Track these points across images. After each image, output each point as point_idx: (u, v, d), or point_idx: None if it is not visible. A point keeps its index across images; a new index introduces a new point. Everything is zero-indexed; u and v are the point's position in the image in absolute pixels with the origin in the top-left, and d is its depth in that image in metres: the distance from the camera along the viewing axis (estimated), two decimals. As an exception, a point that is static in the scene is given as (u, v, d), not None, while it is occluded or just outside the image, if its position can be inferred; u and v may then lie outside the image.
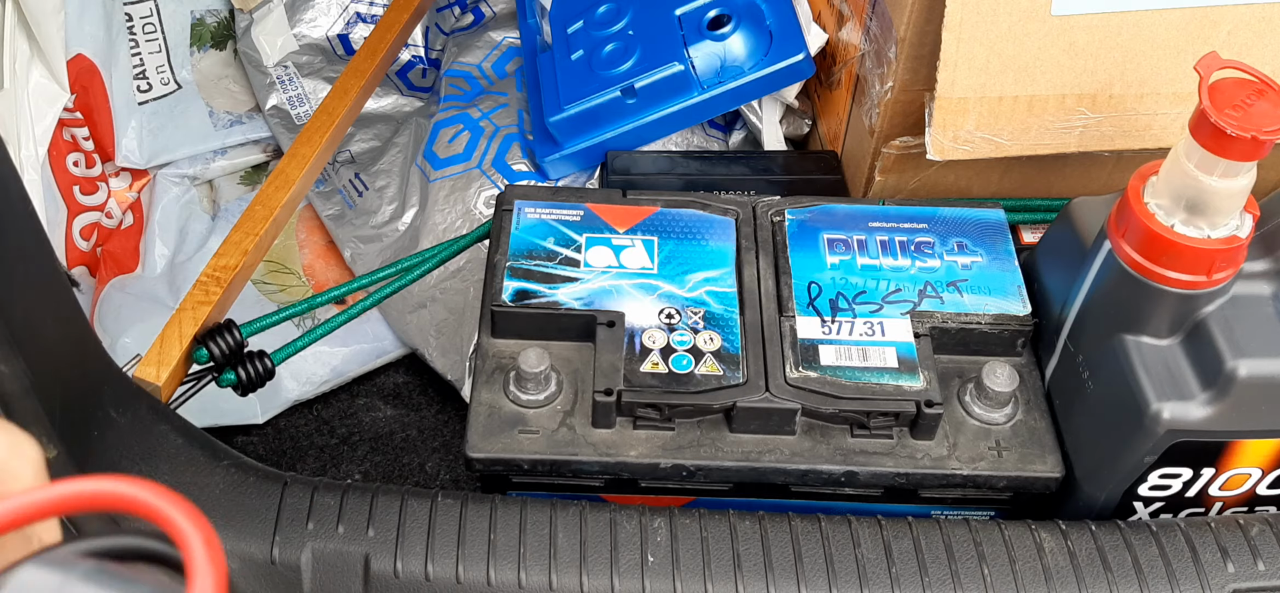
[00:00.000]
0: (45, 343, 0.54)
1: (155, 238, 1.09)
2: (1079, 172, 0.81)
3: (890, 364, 0.67)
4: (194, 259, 1.09)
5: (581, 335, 0.69)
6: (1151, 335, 0.63)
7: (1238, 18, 0.72)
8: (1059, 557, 0.61)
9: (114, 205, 1.11)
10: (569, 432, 0.66)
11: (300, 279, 1.09)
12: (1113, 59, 0.72)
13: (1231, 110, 0.57)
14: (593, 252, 0.72)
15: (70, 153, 1.06)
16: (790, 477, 0.66)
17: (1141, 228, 0.61)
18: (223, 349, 0.73)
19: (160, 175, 1.13)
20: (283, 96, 1.14)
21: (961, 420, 0.67)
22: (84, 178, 1.07)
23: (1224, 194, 0.59)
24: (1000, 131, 0.75)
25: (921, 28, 0.75)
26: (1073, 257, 0.67)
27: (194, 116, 1.14)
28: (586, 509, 0.62)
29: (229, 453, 0.64)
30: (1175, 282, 0.61)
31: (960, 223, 0.75)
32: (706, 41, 0.93)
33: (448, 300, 1.00)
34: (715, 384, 0.65)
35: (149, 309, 1.01)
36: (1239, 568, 0.61)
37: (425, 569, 0.60)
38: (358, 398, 1.03)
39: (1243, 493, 0.66)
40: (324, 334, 0.78)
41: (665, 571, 0.60)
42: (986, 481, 0.66)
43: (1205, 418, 0.61)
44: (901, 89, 0.79)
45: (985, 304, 0.70)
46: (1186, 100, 0.74)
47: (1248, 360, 0.60)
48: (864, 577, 0.60)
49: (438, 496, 0.63)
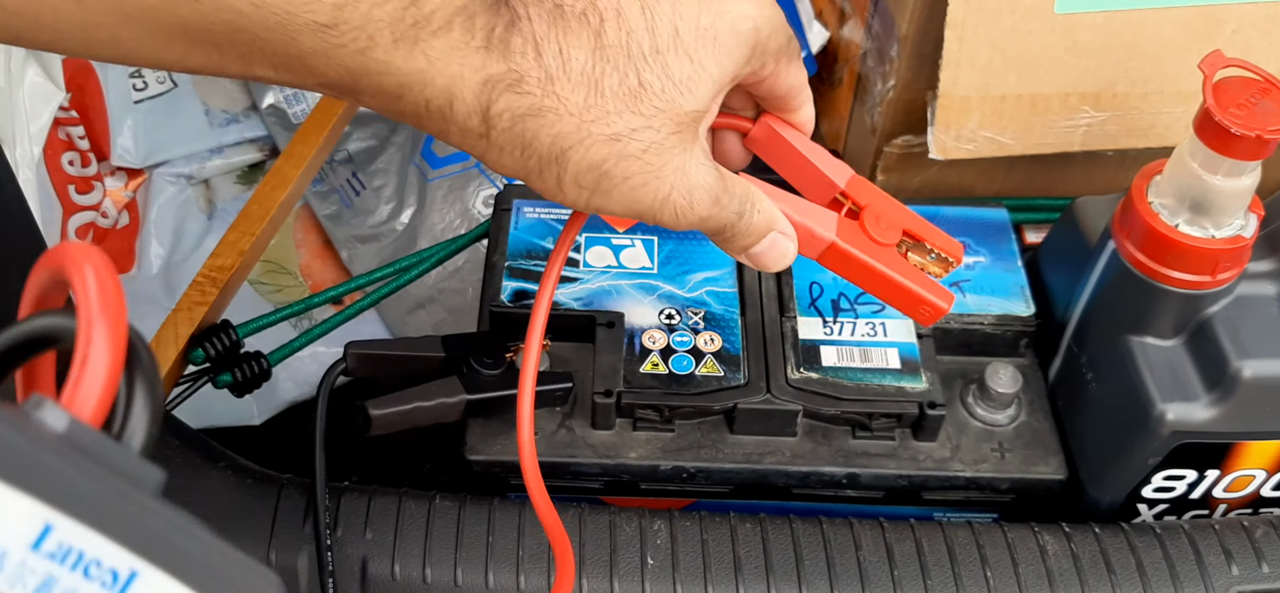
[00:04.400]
0: (39, 344, 0.54)
1: (151, 238, 1.09)
2: (1083, 171, 0.81)
3: (892, 365, 0.67)
4: (190, 259, 1.08)
5: (581, 336, 0.68)
6: (1156, 336, 0.63)
7: (1242, 16, 0.71)
8: (1062, 559, 0.61)
9: (109, 205, 1.10)
10: (568, 433, 0.65)
11: (297, 279, 1.08)
12: (1116, 58, 0.72)
13: (1236, 109, 0.56)
14: (592, 252, 0.71)
15: (65, 152, 1.06)
16: (791, 479, 0.65)
17: (1145, 228, 0.60)
18: (219, 350, 0.72)
19: (156, 174, 1.12)
20: (279, 95, 1.14)
21: (964, 422, 0.67)
22: (79, 177, 1.07)
23: (1228, 193, 0.58)
24: (1003, 131, 0.74)
25: (924, 26, 0.74)
26: (1076, 257, 0.67)
27: (190, 115, 1.13)
28: (585, 512, 0.62)
29: (225, 455, 0.64)
30: (1179, 282, 0.60)
31: (963, 223, 0.74)
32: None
33: (446, 301, 1.00)
34: (716, 385, 0.65)
35: (145, 309, 1.01)
36: (1243, 570, 0.60)
37: (423, 572, 0.60)
38: (355, 399, 1.03)
39: (1247, 495, 0.66)
40: (321, 335, 0.78)
41: (665, 573, 0.60)
42: (989, 483, 0.65)
43: (1210, 419, 0.61)
44: (904, 88, 0.78)
45: (988, 305, 0.70)
46: (1191, 99, 0.73)
47: (1252, 361, 0.60)
48: (866, 579, 0.60)
49: (435, 498, 0.62)
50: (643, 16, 0.42)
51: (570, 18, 0.41)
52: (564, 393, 0.65)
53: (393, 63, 0.38)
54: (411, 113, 0.40)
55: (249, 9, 0.34)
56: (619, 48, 0.42)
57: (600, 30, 0.41)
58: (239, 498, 0.61)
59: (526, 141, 0.41)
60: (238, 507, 0.61)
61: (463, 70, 0.39)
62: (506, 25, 0.40)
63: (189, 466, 0.62)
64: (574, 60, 0.41)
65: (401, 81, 0.39)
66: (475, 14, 0.39)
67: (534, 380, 0.51)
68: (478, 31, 0.39)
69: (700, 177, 0.45)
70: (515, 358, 0.66)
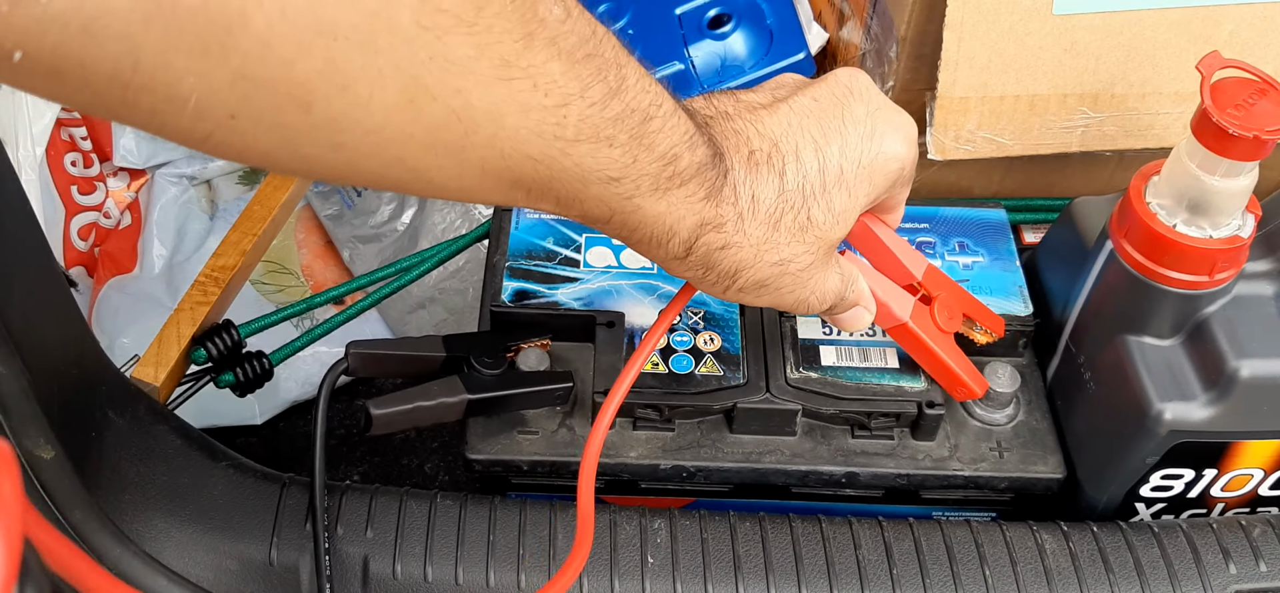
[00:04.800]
0: (43, 344, 0.54)
1: (153, 238, 1.09)
2: (1081, 171, 0.81)
3: (891, 365, 0.67)
4: (192, 259, 1.08)
5: (581, 336, 0.69)
6: (1153, 336, 0.63)
7: (1240, 17, 0.72)
8: (1060, 558, 0.61)
9: (112, 205, 1.11)
10: (568, 433, 0.65)
11: (299, 279, 1.09)
12: (1115, 58, 0.72)
13: (1233, 110, 0.57)
14: (592, 252, 0.72)
15: (68, 152, 1.06)
16: (791, 478, 0.66)
17: (1143, 228, 0.60)
18: (221, 349, 0.72)
19: (158, 175, 1.12)
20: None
21: (963, 421, 0.67)
22: (82, 178, 1.07)
23: (1226, 194, 0.58)
24: (1002, 131, 0.75)
25: (923, 27, 0.74)
26: (1074, 257, 0.67)
27: (192, 116, 1.13)
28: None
29: (227, 454, 0.64)
30: (1177, 282, 0.61)
31: (961, 223, 0.74)
32: (707, 41, 0.93)
33: (447, 301, 1.00)
34: (715, 385, 0.65)
35: (147, 309, 1.01)
36: (1241, 569, 0.61)
37: (424, 571, 0.60)
38: (356, 399, 1.03)
39: (1245, 494, 0.66)
40: (322, 335, 0.78)
41: (665, 572, 0.60)
42: (988, 482, 0.66)
43: (1207, 419, 0.61)
44: (902, 88, 0.78)
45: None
46: (1188, 100, 0.73)
47: (1250, 361, 0.60)
48: (865, 578, 0.60)
49: (437, 497, 0.63)
50: (815, 157, 0.50)
51: (759, 162, 0.49)
52: (564, 393, 0.65)
53: (644, 206, 0.45)
54: (633, 239, 0.47)
55: (559, 172, 0.41)
56: (796, 189, 0.49)
57: (783, 172, 0.49)
58: (241, 497, 0.61)
59: (711, 264, 0.49)
60: (240, 506, 0.61)
61: (686, 214, 0.46)
62: (721, 176, 0.47)
63: (191, 465, 0.62)
64: (762, 202, 0.48)
65: (642, 220, 0.46)
66: (704, 169, 0.46)
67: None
68: (704, 185, 0.46)
69: (832, 283, 0.54)
70: (516, 358, 0.66)
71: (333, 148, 0.36)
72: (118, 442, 0.60)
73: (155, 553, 0.58)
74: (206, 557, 0.59)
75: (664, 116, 0.44)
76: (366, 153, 0.37)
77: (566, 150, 0.41)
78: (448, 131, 0.37)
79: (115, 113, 0.32)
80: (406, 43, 0.34)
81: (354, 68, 0.34)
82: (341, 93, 0.34)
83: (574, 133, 0.40)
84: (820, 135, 0.50)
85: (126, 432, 0.60)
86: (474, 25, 0.36)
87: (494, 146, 0.39)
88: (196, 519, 0.60)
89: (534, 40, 0.38)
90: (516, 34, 0.37)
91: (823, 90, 0.52)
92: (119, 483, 0.58)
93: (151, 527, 0.58)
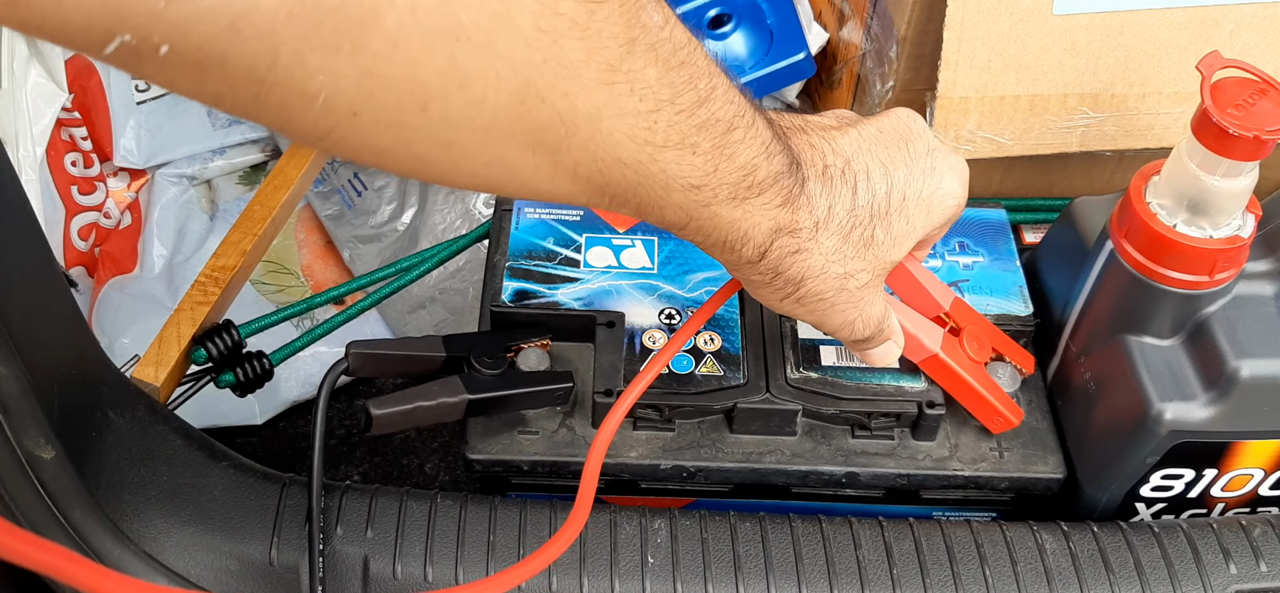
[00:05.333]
0: (43, 344, 0.54)
1: (153, 238, 1.09)
2: (1081, 171, 0.81)
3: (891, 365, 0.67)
4: (192, 259, 1.08)
5: (581, 336, 0.69)
6: (1153, 336, 0.63)
7: (1240, 17, 0.72)
8: (1061, 558, 0.61)
9: (112, 205, 1.11)
10: (569, 433, 0.65)
11: (299, 279, 1.09)
12: (1115, 58, 0.72)
13: (1234, 110, 0.57)
14: (592, 252, 0.72)
15: (68, 153, 1.06)
16: (791, 478, 0.66)
17: (1143, 228, 0.60)
18: (221, 350, 0.72)
19: (158, 175, 1.12)
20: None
21: (963, 421, 0.67)
22: (82, 178, 1.07)
23: (1226, 194, 0.58)
24: (1002, 131, 0.75)
25: (923, 27, 0.75)
26: (1074, 257, 0.67)
27: (192, 116, 1.13)
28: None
29: (228, 454, 0.64)
30: (1177, 282, 0.61)
31: (961, 223, 0.74)
32: (707, 41, 0.93)
33: (447, 301, 1.00)
34: (716, 385, 0.65)
35: (147, 310, 1.01)
36: (1241, 569, 0.61)
37: (424, 571, 0.60)
38: (356, 399, 1.03)
39: (1245, 494, 0.66)
40: (323, 335, 0.78)
41: (665, 572, 0.60)
42: (988, 482, 0.66)
43: (1207, 419, 0.61)
44: (903, 88, 0.78)
45: (987, 304, 0.70)
46: (1188, 100, 0.73)
47: (1250, 361, 0.60)
48: (865, 578, 0.60)
49: (437, 497, 0.63)
50: (884, 180, 0.52)
51: (834, 176, 0.51)
52: (564, 393, 0.65)
53: (721, 213, 0.46)
54: (707, 244, 0.48)
55: (645, 177, 0.42)
56: (866, 207, 0.52)
57: (856, 188, 0.51)
58: (241, 497, 0.61)
59: (780, 269, 0.50)
60: (240, 506, 0.61)
61: (762, 221, 0.48)
62: (798, 184, 0.48)
63: (191, 465, 0.62)
64: (836, 214, 0.50)
65: (718, 226, 0.47)
66: (782, 177, 0.47)
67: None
68: (781, 193, 0.48)
69: (877, 308, 0.56)
70: (516, 358, 0.66)
71: (443, 146, 0.37)
72: (118, 442, 0.60)
73: (155, 553, 0.58)
74: (207, 557, 0.59)
75: (745, 127, 0.45)
76: (470, 151, 0.38)
77: (654, 156, 0.42)
78: (550, 133, 0.38)
79: (245, 109, 0.33)
80: (524, 45, 0.35)
81: (474, 68, 0.35)
82: (459, 91, 0.35)
83: (663, 138, 0.41)
84: (888, 162, 0.53)
85: (127, 432, 0.60)
86: (586, 29, 0.37)
87: (589, 149, 0.40)
88: (197, 520, 0.60)
89: (636, 45, 0.39)
90: (622, 39, 0.38)
91: (886, 123, 0.54)
92: (119, 483, 0.58)
93: (151, 527, 0.58)
